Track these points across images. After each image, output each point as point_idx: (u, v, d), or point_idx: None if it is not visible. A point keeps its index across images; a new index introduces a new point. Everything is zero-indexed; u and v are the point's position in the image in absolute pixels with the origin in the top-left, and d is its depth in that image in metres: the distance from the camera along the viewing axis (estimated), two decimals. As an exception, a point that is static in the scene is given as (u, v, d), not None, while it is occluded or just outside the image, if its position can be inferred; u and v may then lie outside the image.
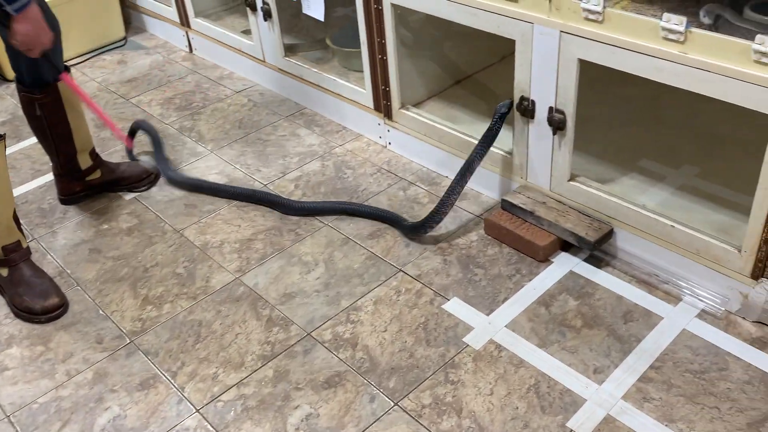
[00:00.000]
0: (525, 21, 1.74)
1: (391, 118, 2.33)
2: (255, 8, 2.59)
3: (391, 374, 1.62)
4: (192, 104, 2.77)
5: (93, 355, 1.74)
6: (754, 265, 1.59)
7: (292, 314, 1.80)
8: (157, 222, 2.16)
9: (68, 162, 2.16)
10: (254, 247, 2.03)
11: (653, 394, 1.52)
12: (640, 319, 1.70)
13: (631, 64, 1.59)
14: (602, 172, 1.96)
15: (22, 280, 1.88)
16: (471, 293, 1.81)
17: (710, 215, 1.78)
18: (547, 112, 1.81)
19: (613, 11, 1.58)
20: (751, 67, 1.40)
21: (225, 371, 1.66)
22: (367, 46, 2.23)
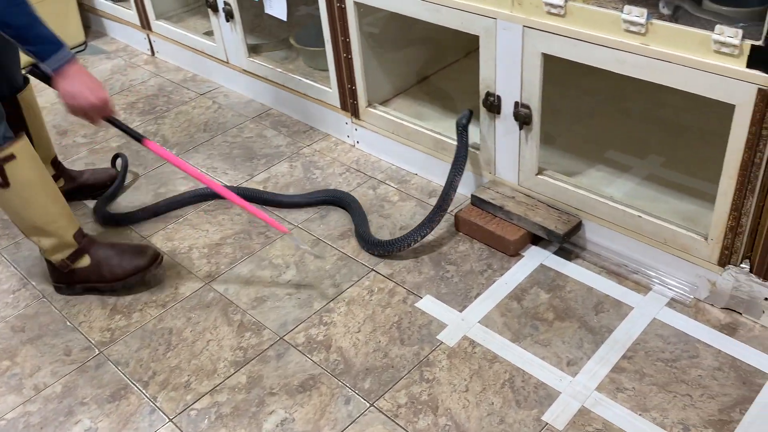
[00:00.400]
0: (488, 16, 1.74)
1: (358, 116, 2.32)
2: (216, 9, 2.56)
3: (366, 375, 1.61)
4: (155, 108, 2.73)
5: (61, 368, 1.70)
6: (720, 252, 1.61)
7: (264, 318, 1.78)
8: (122, 230, 2.12)
9: None
10: (223, 252, 2.00)
11: (626, 384, 1.54)
12: (611, 309, 1.71)
13: (593, 57, 1.60)
14: (569, 164, 1.97)
15: (108, 255, 1.85)
16: (444, 290, 1.81)
17: (677, 204, 1.80)
18: (513, 107, 1.82)
19: (575, 5, 1.58)
20: (711, 57, 1.42)
21: (197, 379, 1.64)
22: (331, 45, 2.22)
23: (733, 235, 1.57)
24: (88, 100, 1.60)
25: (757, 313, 1.63)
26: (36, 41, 1.55)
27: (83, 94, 1.60)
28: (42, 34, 1.56)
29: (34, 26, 1.55)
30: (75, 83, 1.59)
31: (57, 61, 1.57)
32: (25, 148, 1.69)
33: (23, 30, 1.53)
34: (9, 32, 1.53)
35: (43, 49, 1.56)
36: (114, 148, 2.50)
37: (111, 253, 1.86)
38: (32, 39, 1.55)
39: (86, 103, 1.61)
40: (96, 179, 2.26)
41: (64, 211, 1.80)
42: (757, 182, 1.48)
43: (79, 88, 1.59)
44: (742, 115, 1.42)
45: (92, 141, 2.56)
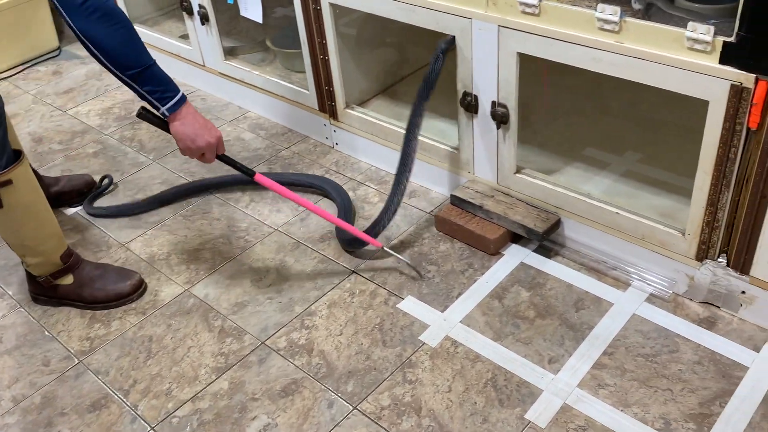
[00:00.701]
0: (463, 17, 1.74)
1: (336, 118, 2.31)
2: (192, 12, 2.54)
3: (348, 378, 1.61)
4: (132, 113, 2.70)
5: (40, 378, 1.68)
6: (698, 247, 1.63)
7: (245, 323, 1.77)
8: (101, 236, 2.10)
9: None
10: (203, 257, 1.99)
11: (608, 380, 1.54)
12: (591, 306, 1.72)
13: (569, 55, 1.60)
14: (548, 162, 1.98)
15: (92, 276, 1.85)
16: (425, 291, 1.81)
17: (654, 200, 1.81)
18: (490, 107, 1.82)
19: (549, 4, 1.59)
20: (684, 54, 1.43)
21: (179, 386, 1.63)
22: (308, 47, 2.21)
23: (710, 230, 1.59)
24: (207, 140, 1.61)
25: (735, 307, 1.65)
26: (154, 83, 1.54)
27: (202, 136, 1.60)
28: (159, 77, 1.54)
29: (153, 69, 1.53)
30: (188, 125, 1.59)
31: (171, 104, 1.56)
32: (23, 173, 1.67)
33: (144, 72, 1.51)
34: (131, 74, 1.50)
35: (163, 91, 1.55)
36: (90, 153, 2.48)
37: (95, 275, 1.85)
38: (154, 80, 1.53)
39: (205, 143, 1.61)
40: (73, 186, 2.24)
41: (54, 232, 1.79)
42: (732, 177, 1.50)
43: (195, 129, 1.59)
44: (716, 111, 1.44)
45: (68, 147, 2.53)
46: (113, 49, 1.47)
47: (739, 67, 1.37)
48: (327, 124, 2.36)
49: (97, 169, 2.39)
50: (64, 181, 2.24)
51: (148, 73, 1.52)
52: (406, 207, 2.09)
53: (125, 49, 1.49)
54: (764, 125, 1.39)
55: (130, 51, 1.50)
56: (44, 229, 1.76)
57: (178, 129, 1.59)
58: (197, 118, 1.61)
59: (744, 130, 1.42)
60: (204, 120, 1.63)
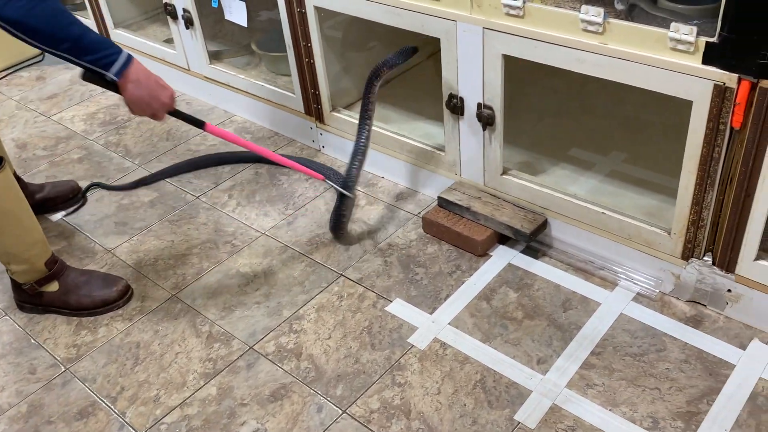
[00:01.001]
0: (448, 19, 1.74)
1: (322, 121, 2.31)
2: (176, 17, 2.53)
3: (337, 382, 1.60)
4: (117, 118, 2.68)
5: (26, 386, 1.67)
6: (683, 246, 1.64)
7: (233, 328, 1.76)
8: (87, 243, 2.09)
9: None
10: (190, 262, 1.98)
11: (596, 380, 1.55)
12: (579, 306, 1.73)
13: (553, 57, 1.61)
14: (534, 163, 1.99)
15: (78, 283, 1.83)
16: (413, 293, 1.81)
17: (639, 200, 1.82)
18: (476, 108, 1.83)
19: (533, 5, 1.59)
20: (667, 54, 1.44)
21: (167, 392, 1.62)
22: (293, 50, 2.21)
23: (695, 229, 1.60)
24: (162, 102, 1.53)
25: (721, 305, 1.66)
26: (95, 49, 1.43)
27: (157, 98, 1.52)
28: (97, 40, 1.44)
29: (88, 34, 1.43)
30: (143, 87, 1.49)
31: (118, 65, 1.45)
32: (5, 179, 1.65)
33: (80, 41, 1.41)
34: (66, 46, 1.41)
35: (104, 56, 1.44)
36: (75, 159, 2.46)
37: (81, 281, 1.84)
38: (91, 48, 1.42)
39: (160, 105, 1.53)
40: (57, 192, 2.22)
41: (38, 239, 1.77)
42: (717, 176, 1.51)
43: (149, 91, 1.50)
44: (700, 110, 1.45)
45: (53, 153, 2.52)
46: (39, 27, 1.37)
47: (722, 67, 1.38)
48: (313, 127, 2.36)
49: (82, 175, 2.38)
50: (49, 188, 2.22)
51: (84, 42, 1.42)
52: (393, 209, 2.09)
53: (52, 24, 1.38)
54: (747, 125, 1.40)
55: (57, 24, 1.39)
56: (28, 237, 1.74)
57: (132, 93, 1.49)
58: (150, 78, 1.51)
59: (728, 129, 1.43)
60: (156, 78, 1.53)
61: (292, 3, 2.09)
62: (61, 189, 2.23)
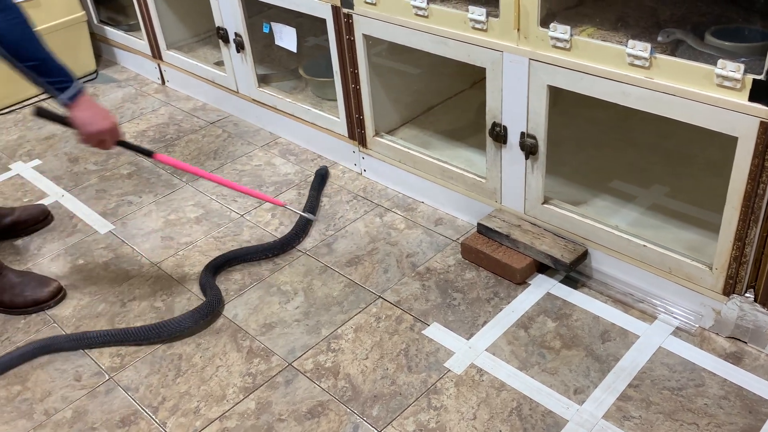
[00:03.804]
0: (495, 50, 1.78)
1: (365, 145, 2.36)
2: (228, 40, 2.61)
3: (374, 402, 1.62)
4: (166, 136, 2.77)
5: (71, 393, 1.72)
6: (725, 282, 1.63)
7: (273, 345, 1.80)
8: (133, 255, 2.15)
9: None
10: (233, 278, 2.03)
11: (633, 412, 1.55)
12: (617, 338, 1.72)
13: (598, 89, 1.63)
14: (575, 194, 2.00)
15: (13, 283, 1.97)
16: (450, 318, 1.83)
17: (680, 234, 1.82)
18: (519, 137, 1.85)
19: (580, 39, 1.62)
20: (713, 91, 1.45)
21: (207, 405, 1.65)
22: (340, 76, 2.26)
23: (738, 265, 1.59)
24: (102, 126, 1.68)
25: (763, 342, 1.65)
26: (55, 73, 1.61)
27: (97, 122, 1.68)
28: (58, 67, 1.63)
29: (52, 59, 1.62)
30: (88, 112, 1.67)
31: (72, 91, 1.64)
32: None
33: (45, 63, 1.59)
34: (32, 65, 1.58)
35: (61, 81, 1.62)
36: (124, 174, 2.54)
37: (16, 282, 1.97)
38: (53, 71, 1.61)
39: (100, 128, 1.68)
40: (29, 215, 2.28)
41: None
42: (761, 213, 1.50)
43: (92, 116, 1.67)
44: (745, 147, 1.45)
45: (103, 168, 2.60)
46: (14, 42, 1.55)
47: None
48: (356, 150, 2.40)
49: (131, 190, 2.45)
50: (20, 211, 2.28)
51: (46, 65, 1.59)
52: (432, 234, 2.12)
53: (25, 42, 1.57)
54: (793, 162, 1.41)
55: (29, 43, 1.57)
56: None
57: (78, 115, 1.65)
58: (95, 106, 1.68)
59: (773, 166, 1.44)
60: (102, 109, 1.69)
61: (341, 30, 2.15)
62: (32, 212, 2.29)
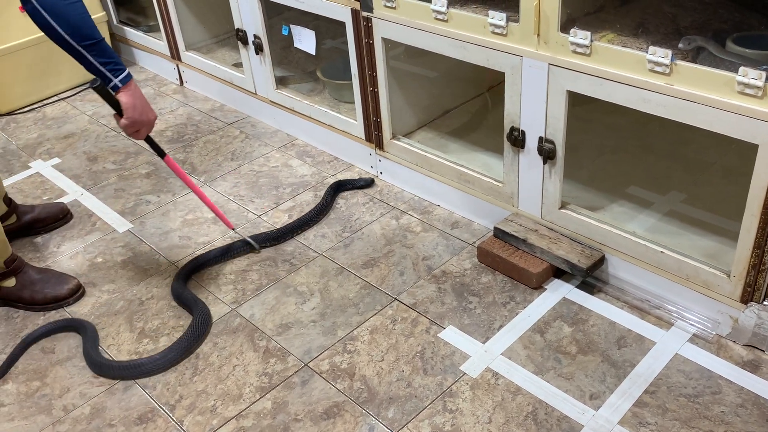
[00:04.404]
0: (514, 54, 1.79)
1: (382, 148, 2.37)
2: (246, 42, 2.63)
3: (389, 404, 1.63)
4: (184, 136, 2.79)
5: (90, 389, 1.74)
6: (743, 289, 1.63)
7: (289, 345, 1.81)
8: (151, 254, 2.17)
9: None
10: (249, 278, 2.04)
11: (649, 418, 1.54)
12: (634, 344, 1.72)
13: (618, 95, 1.63)
14: (592, 199, 2.00)
15: (34, 279, 1.99)
16: (466, 321, 1.83)
17: (698, 241, 1.82)
18: (537, 142, 1.85)
19: (600, 44, 1.62)
20: (735, 98, 1.45)
21: (223, 404, 1.67)
22: (358, 79, 2.27)
23: (756, 273, 1.59)
24: (147, 115, 1.75)
25: (780, 351, 1.64)
26: (110, 56, 1.67)
27: (146, 110, 1.75)
28: (112, 51, 1.70)
29: (106, 43, 1.68)
30: (137, 100, 1.73)
31: (124, 76, 1.70)
32: None
33: (101, 43, 1.65)
34: (89, 44, 1.63)
35: (115, 64, 1.68)
36: (143, 174, 2.56)
37: (36, 279, 1.99)
38: (107, 53, 1.66)
39: (146, 117, 1.75)
40: (48, 213, 2.31)
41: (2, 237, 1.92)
42: (780, 221, 1.50)
43: (143, 104, 1.74)
44: (766, 154, 1.45)
45: (122, 167, 2.62)
46: (74, 21, 1.60)
47: (790, 113, 1.39)
48: (372, 153, 2.41)
49: (149, 189, 2.48)
50: (40, 209, 2.31)
51: (102, 45, 1.65)
52: (447, 237, 2.12)
53: (83, 22, 1.62)
54: (814, 170, 1.40)
55: (86, 23, 1.62)
56: None
57: (128, 99, 1.70)
58: (143, 96, 1.74)
59: (794, 174, 1.43)
60: (146, 99, 1.75)
61: (360, 34, 2.16)
62: (51, 210, 2.32)
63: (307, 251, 2.13)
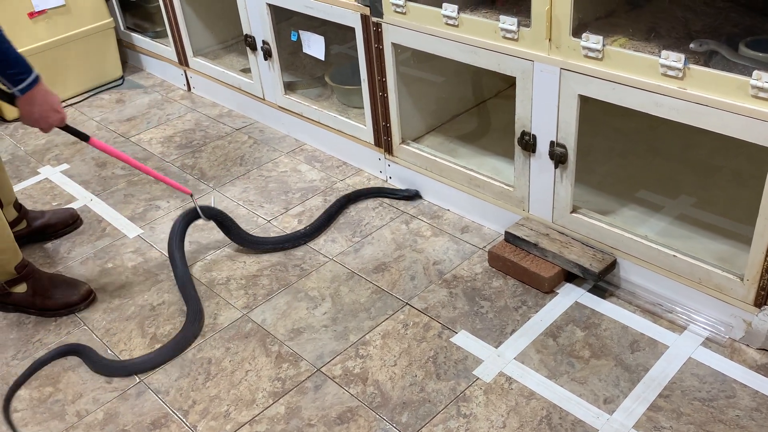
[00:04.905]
0: (525, 59, 1.79)
1: (391, 153, 2.37)
2: (255, 48, 2.63)
3: (403, 409, 1.63)
4: (193, 142, 2.79)
5: (103, 395, 1.74)
6: (756, 293, 1.63)
7: (301, 350, 1.81)
8: (162, 260, 2.17)
9: None
10: (260, 283, 2.04)
11: (663, 423, 1.54)
12: (647, 348, 1.72)
13: (631, 99, 1.64)
14: (603, 203, 2.00)
15: (46, 285, 1.99)
16: (479, 326, 1.83)
17: (709, 244, 1.82)
18: (549, 146, 1.86)
19: (612, 49, 1.63)
20: (749, 102, 1.45)
21: (237, 409, 1.67)
22: (367, 84, 2.28)
23: (770, 276, 1.59)
24: (48, 121, 1.73)
25: (794, 355, 1.64)
26: (14, 65, 1.62)
27: (46, 119, 1.72)
28: (19, 58, 1.64)
29: (12, 49, 1.62)
30: (37, 107, 1.69)
31: (26, 84, 1.65)
32: None
33: (6, 53, 1.60)
34: None
35: (19, 73, 1.63)
36: (152, 179, 2.56)
37: (47, 285, 1.99)
38: (12, 62, 1.62)
39: (45, 124, 1.73)
40: (58, 219, 2.31)
41: (9, 245, 1.93)
42: (794, 224, 1.50)
43: (41, 112, 1.70)
44: (780, 158, 1.45)
45: (131, 173, 2.63)
46: None
47: (805, 116, 1.39)
48: (381, 158, 2.42)
49: (159, 195, 2.48)
50: (50, 215, 2.31)
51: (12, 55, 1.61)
52: (458, 242, 2.13)
53: None
54: (829, 174, 1.40)
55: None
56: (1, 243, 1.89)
57: (25, 110, 1.69)
58: (48, 100, 1.69)
59: (808, 177, 1.43)
60: (52, 101, 1.71)
61: (370, 39, 2.17)
62: (61, 216, 2.32)
63: (317, 256, 2.13)
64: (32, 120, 1.71)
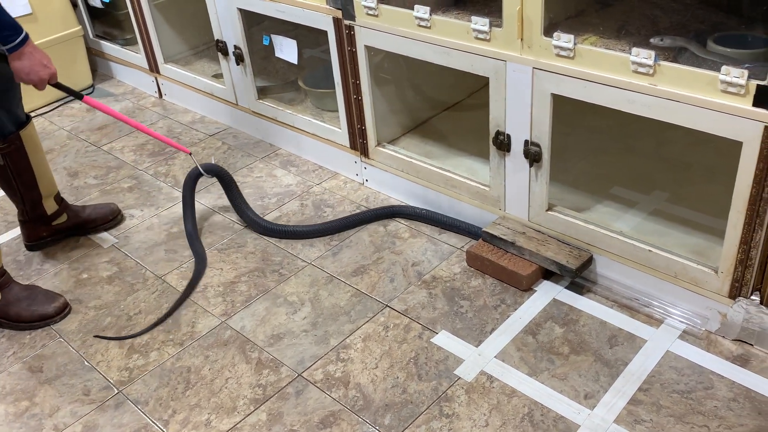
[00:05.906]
0: (498, 59, 1.80)
1: (367, 155, 2.37)
2: (227, 53, 2.62)
3: (385, 411, 1.63)
4: (165, 149, 2.77)
5: (81, 407, 1.71)
6: (731, 285, 1.65)
7: (282, 356, 1.80)
8: (137, 269, 2.14)
9: (34, 208, 2.16)
10: (238, 290, 2.02)
11: (644, 416, 1.56)
12: (625, 342, 1.74)
13: (603, 97, 1.65)
14: (578, 200, 2.02)
15: (20, 296, 1.96)
16: (459, 325, 1.83)
17: (683, 239, 1.84)
18: (523, 146, 1.87)
19: (584, 47, 1.64)
20: (718, 97, 1.47)
21: (218, 417, 1.65)
22: (342, 87, 2.27)
23: (743, 268, 1.61)
24: (39, 75, 1.80)
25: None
26: (7, 27, 1.71)
27: (36, 72, 1.80)
28: (10, 20, 1.72)
29: (5, 13, 1.71)
30: (26, 62, 1.77)
31: (18, 43, 1.74)
32: None
33: None
34: None
35: (10, 35, 1.72)
36: (125, 188, 2.54)
37: (23, 296, 1.97)
38: (6, 25, 1.70)
39: (36, 77, 1.80)
40: (98, 214, 2.31)
41: None
42: (766, 216, 1.53)
43: (31, 66, 1.78)
44: (750, 151, 1.47)
45: (103, 182, 2.60)
46: None
47: (773, 110, 1.41)
48: (358, 161, 2.41)
49: (132, 204, 2.45)
50: (90, 210, 2.31)
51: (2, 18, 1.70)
52: (436, 242, 2.13)
53: None
54: (798, 166, 1.43)
55: None
56: None
57: (15, 65, 1.77)
58: (37, 56, 1.79)
59: (777, 170, 1.46)
60: (41, 57, 1.80)
61: (343, 42, 2.17)
62: (102, 211, 2.32)
63: (295, 261, 2.12)
64: (23, 74, 1.78)
